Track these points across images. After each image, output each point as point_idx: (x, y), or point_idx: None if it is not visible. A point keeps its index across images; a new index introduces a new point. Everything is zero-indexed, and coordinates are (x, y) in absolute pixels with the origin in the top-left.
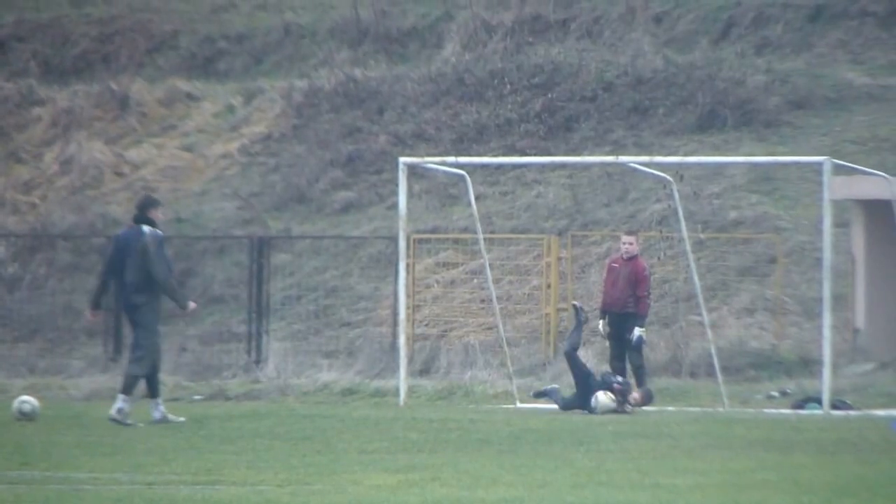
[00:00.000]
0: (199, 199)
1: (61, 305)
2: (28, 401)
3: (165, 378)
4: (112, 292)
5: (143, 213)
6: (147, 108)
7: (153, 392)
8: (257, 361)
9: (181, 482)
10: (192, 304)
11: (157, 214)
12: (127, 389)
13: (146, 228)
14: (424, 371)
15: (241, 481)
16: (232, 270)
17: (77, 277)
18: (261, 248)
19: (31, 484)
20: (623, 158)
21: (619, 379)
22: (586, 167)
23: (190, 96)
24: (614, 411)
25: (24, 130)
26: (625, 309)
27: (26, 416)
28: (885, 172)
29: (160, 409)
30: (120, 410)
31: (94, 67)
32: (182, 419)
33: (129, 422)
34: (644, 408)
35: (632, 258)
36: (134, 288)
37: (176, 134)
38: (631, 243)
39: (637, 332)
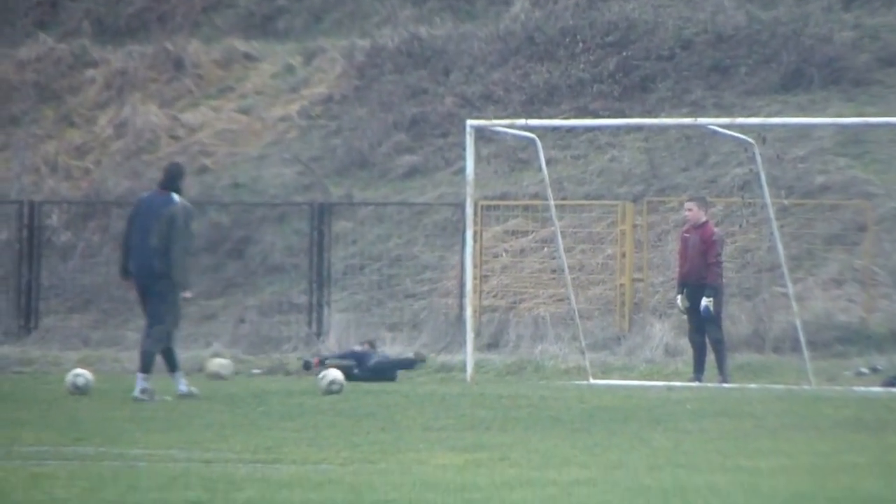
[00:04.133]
0: (258, 163)
1: (115, 275)
2: (82, 374)
3: (222, 351)
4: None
5: (172, 181)
6: (203, 70)
7: (172, 366)
8: (318, 334)
9: (240, 460)
10: (188, 294)
11: (183, 184)
12: (146, 368)
13: (177, 197)
14: (492, 345)
15: (301, 460)
16: (292, 238)
17: None
18: (321, 215)
19: (85, 460)
20: (702, 120)
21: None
22: (663, 130)
23: (248, 57)
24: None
25: (77, 93)
26: (701, 280)
27: (80, 390)
28: None
29: (183, 383)
30: (144, 391)
31: (148, 27)
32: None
33: (156, 398)
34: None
35: (701, 225)
36: (157, 254)
37: (233, 96)
38: (690, 209)
39: (703, 302)
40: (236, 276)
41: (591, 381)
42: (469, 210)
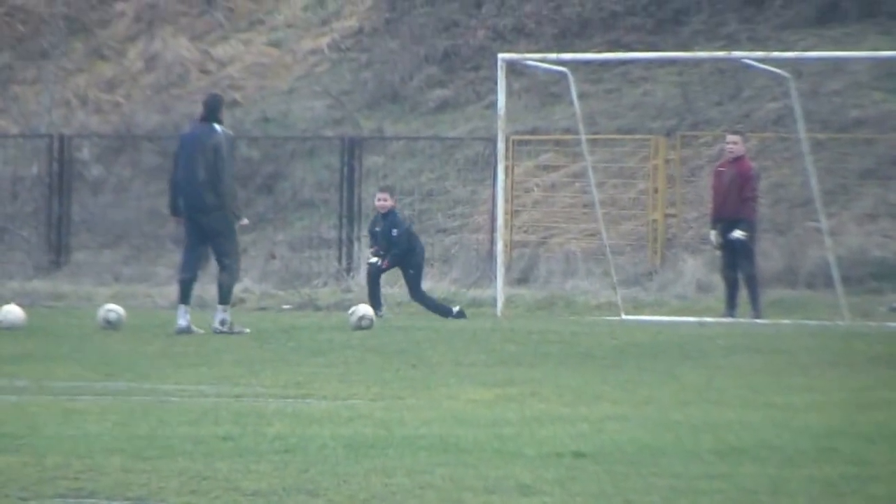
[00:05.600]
0: (288, 97)
1: (147, 210)
2: (113, 309)
3: (252, 286)
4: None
5: (213, 113)
6: (234, 3)
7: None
8: (349, 270)
9: (270, 395)
10: (245, 221)
11: (223, 115)
12: (225, 299)
13: (219, 127)
14: (523, 280)
15: (331, 395)
16: (322, 173)
17: (163, 180)
18: (352, 149)
19: (117, 395)
20: (736, 54)
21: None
22: (697, 63)
23: None
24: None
25: (107, 26)
26: (735, 215)
27: (111, 326)
28: None
29: (185, 317)
30: (223, 321)
31: None
32: (202, 331)
33: (236, 329)
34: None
35: (737, 159)
36: (206, 187)
37: (263, 29)
38: (735, 143)
39: (737, 233)
40: (266, 212)
41: (623, 316)
42: (500, 145)
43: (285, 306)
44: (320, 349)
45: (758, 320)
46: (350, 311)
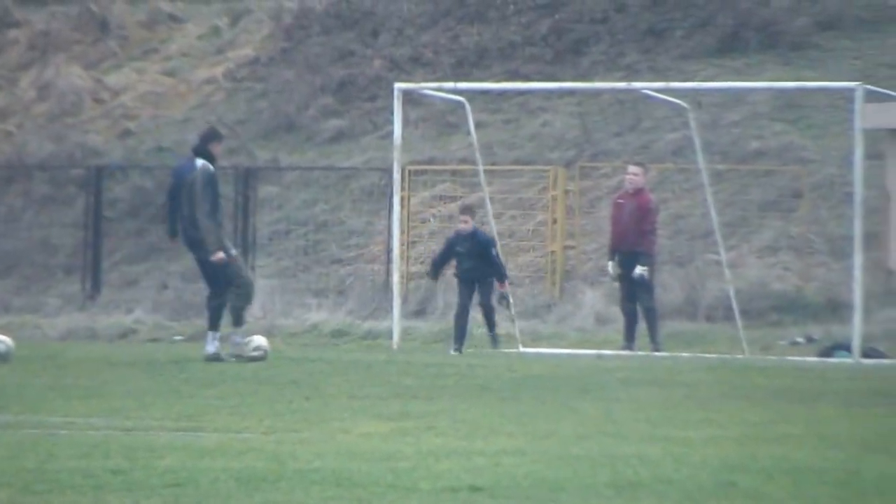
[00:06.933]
0: (182, 126)
1: (38, 240)
2: (2, 340)
3: (144, 317)
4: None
5: (202, 145)
6: (128, 31)
7: (212, 324)
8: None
9: (161, 428)
10: (219, 255)
11: (217, 149)
12: (238, 322)
13: (199, 162)
14: (420, 312)
15: (223, 428)
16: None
17: (55, 210)
18: (247, 179)
19: (4, 428)
20: (636, 84)
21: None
22: (596, 94)
23: (173, 18)
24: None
25: None
26: (634, 247)
27: (0, 358)
28: None
29: (214, 344)
30: (237, 344)
31: None
32: (232, 359)
33: (255, 353)
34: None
35: (637, 191)
36: (189, 222)
37: (158, 58)
38: (636, 174)
39: (638, 270)
40: (159, 242)
41: (521, 349)
42: (396, 175)
43: (177, 337)
44: (212, 381)
45: (657, 353)
46: (246, 341)
